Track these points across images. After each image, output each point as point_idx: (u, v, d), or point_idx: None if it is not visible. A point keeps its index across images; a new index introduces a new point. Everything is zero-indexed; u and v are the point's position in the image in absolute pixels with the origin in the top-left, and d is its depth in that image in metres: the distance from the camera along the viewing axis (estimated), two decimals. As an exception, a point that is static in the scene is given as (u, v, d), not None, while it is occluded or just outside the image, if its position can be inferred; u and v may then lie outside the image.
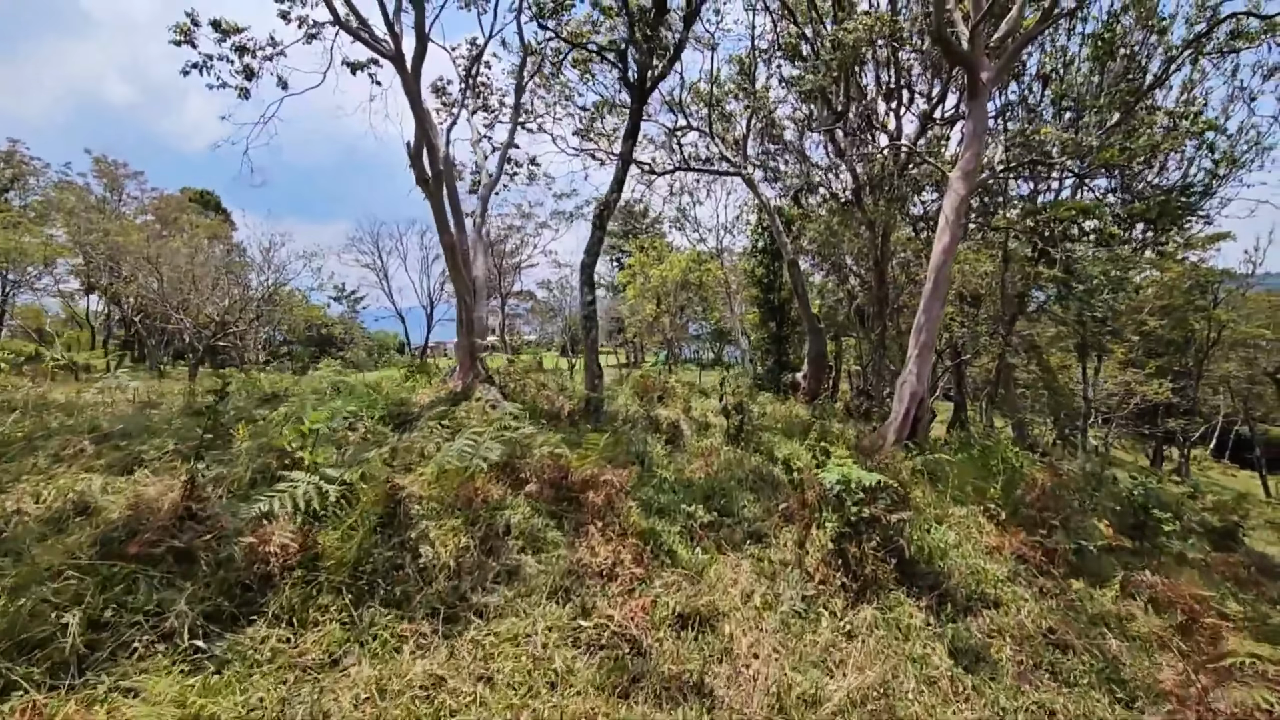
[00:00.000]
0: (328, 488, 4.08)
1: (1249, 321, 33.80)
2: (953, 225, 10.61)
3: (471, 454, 5.44)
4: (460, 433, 6.25)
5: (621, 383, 16.52)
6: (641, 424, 10.12)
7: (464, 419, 7.59)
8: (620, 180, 11.02)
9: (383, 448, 5.74)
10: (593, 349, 10.40)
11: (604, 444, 6.56)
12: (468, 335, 9.05)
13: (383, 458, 5.42)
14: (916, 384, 10.51)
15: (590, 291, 10.52)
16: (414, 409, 8.07)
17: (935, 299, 10.62)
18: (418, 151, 8.31)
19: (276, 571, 3.71)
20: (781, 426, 12.24)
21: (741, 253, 28.59)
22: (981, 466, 11.53)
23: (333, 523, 4.26)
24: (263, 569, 3.70)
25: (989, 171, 11.20)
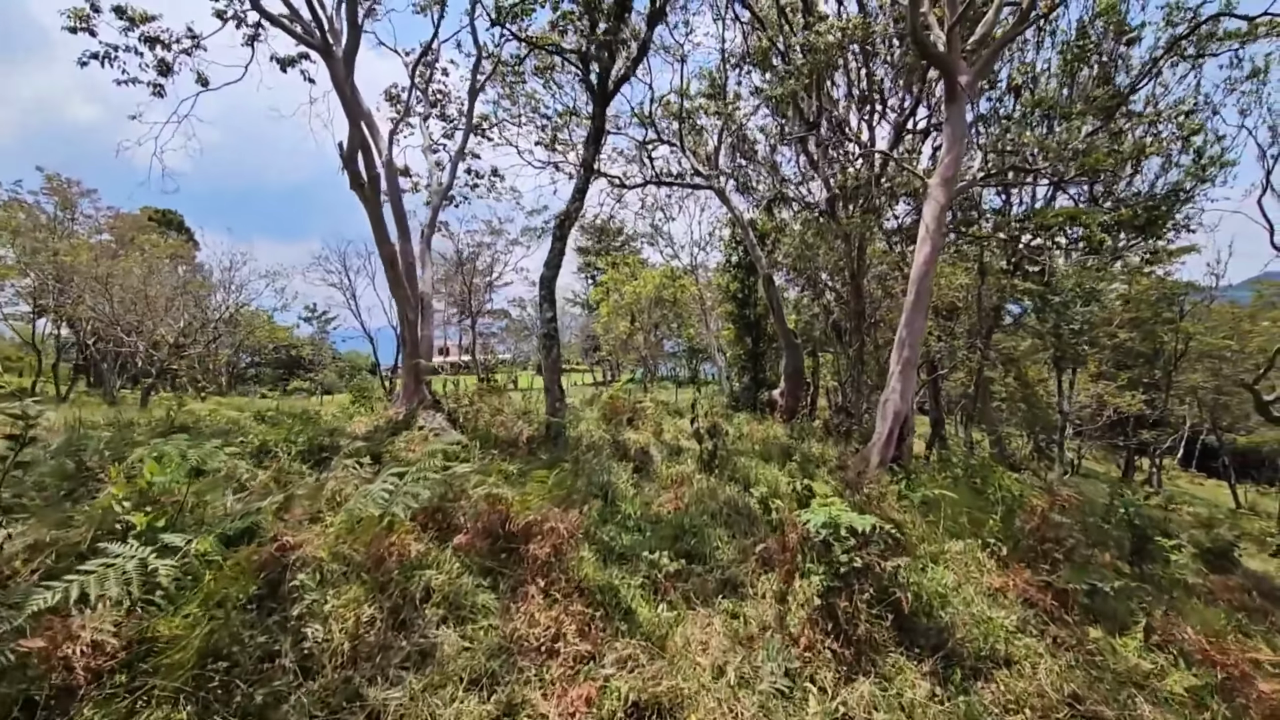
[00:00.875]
0: (158, 564, 3.10)
1: (1213, 333, 34.06)
2: (933, 235, 9.94)
3: (389, 499, 4.50)
4: (385, 470, 5.30)
5: (593, 403, 15.64)
6: (607, 451, 9.21)
7: (399, 452, 6.61)
8: (582, 189, 10.21)
9: (282, 494, 4.75)
10: (553, 369, 9.50)
11: (554, 480, 5.64)
12: (411, 356, 8.10)
13: (275, 508, 4.44)
14: (900, 402, 9.76)
15: (550, 307, 9.64)
16: (345, 441, 7.08)
17: (917, 312, 9.92)
18: (351, 153, 7.42)
19: (83, 680, 2.72)
20: (759, 449, 11.41)
21: (716, 268, 27.97)
22: (975, 493, 10.81)
23: (184, 602, 3.29)
24: (64, 678, 2.71)
25: (969, 179, 10.61)
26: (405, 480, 4.69)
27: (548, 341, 9.58)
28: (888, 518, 6.41)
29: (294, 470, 5.81)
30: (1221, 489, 43.27)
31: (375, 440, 6.96)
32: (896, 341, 10.12)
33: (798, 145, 16.58)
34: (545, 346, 9.61)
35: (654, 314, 30.57)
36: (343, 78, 7.18)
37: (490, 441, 8.47)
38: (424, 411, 7.76)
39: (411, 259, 9.14)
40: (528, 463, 8.33)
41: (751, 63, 14.60)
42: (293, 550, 3.97)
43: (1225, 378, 33.98)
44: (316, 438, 6.53)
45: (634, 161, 21.79)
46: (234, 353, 43.18)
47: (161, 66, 8.03)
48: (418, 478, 4.70)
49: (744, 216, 18.91)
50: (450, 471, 5.11)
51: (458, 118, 14.14)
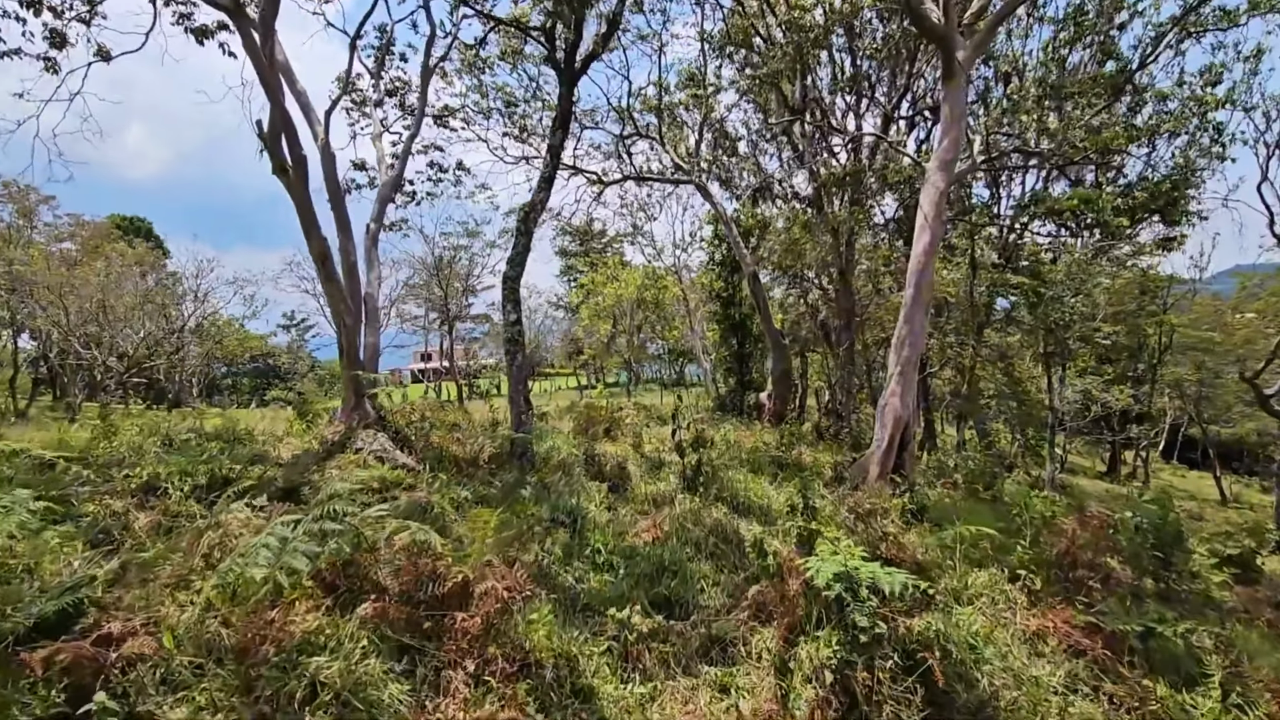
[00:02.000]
0: None
1: (1196, 326, 33.72)
2: (932, 223, 9.00)
3: (276, 557, 3.42)
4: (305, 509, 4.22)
5: (571, 410, 14.55)
6: (579, 469, 8.16)
7: (326, 483, 5.51)
8: (549, 178, 9.16)
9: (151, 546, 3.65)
10: (518, 378, 8.43)
11: (500, 519, 4.55)
12: (350, 366, 7.00)
13: (108, 580, 3.34)
14: (900, 407, 8.80)
15: (514, 309, 8.57)
16: (263, 470, 5.96)
17: (917, 307, 8.97)
18: (273, 132, 6.33)
19: None
20: (748, 458, 10.40)
21: (699, 267, 27.02)
22: (984, 504, 9.87)
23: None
24: None
25: (969, 163, 9.70)
26: (299, 529, 3.61)
27: (511, 347, 8.51)
28: (904, 554, 5.41)
29: (183, 512, 4.70)
30: (1204, 480, 43.02)
31: (299, 468, 5.86)
32: (895, 340, 9.16)
33: (782, 136, 15.63)
34: (509, 352, 8.53)
35: (636, 316, 29.53)
36: (259, 43, 6.08)
37: (444, 463, 7.38)
38: (364, 431, 6.67)
39: (353, 257, 8.05)
40: (486, 485, 7.25)
41: (734, 43, 13.58)
42: (121, 641, 2.87)
43: (1209, 370, 33.62)
44: (223, 468, 5.43)
45: (612, 157, 20.79)
46: (205, 363, 41.46)
47: (54, 38, 6.88)
48: (315, 527, 3.62)
49: (727, 212, 17.94)
50: (364, 515, 4.02)
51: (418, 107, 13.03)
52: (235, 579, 3.47)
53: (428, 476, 6.73)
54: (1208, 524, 22.10)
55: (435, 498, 6.08)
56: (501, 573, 3.78)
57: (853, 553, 3.73)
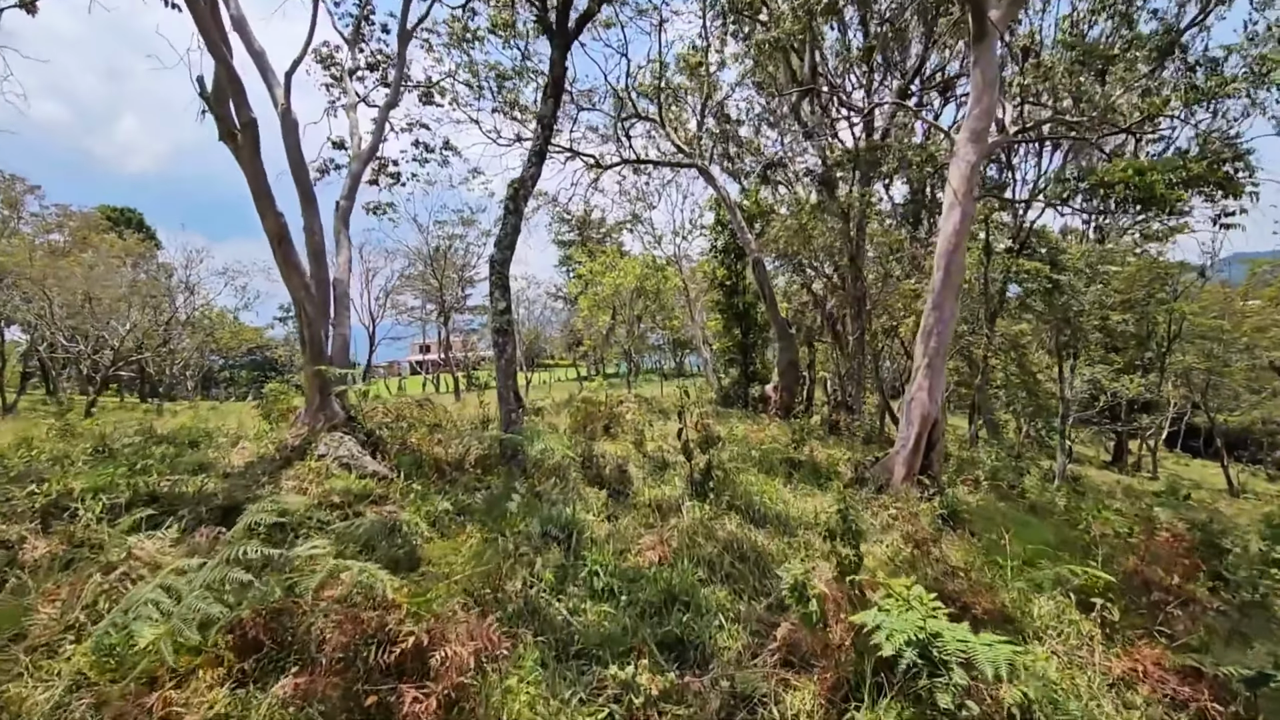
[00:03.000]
0: None
1: (1205, 313, 32.83)
2: (963, 200, 8.09)
3: (170, 615, 2.55)
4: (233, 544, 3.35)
5: (569, 403, 13.67)
6: (575, 473, 7.28)
7: (277, 498, 4.64)
8: (540, 151, 8.23)
9: None
10: (507, 372, 7.54)
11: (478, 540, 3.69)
12: (314, 360, 6.10)
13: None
14: (929, 402, 7.92)
15: (503, 296, 7.67)
16: (205, 481, 5.07)
17: (947, 291, 8.07)
18: (219, 92, 5.41)
19: None
20: (758, 456, 9.53)
21: (700, 255, 26.08)
22: (1028, 513, 9.05)
23: None
24: None
25: (1002, 134, 8.78)
26: (202, 575, 2.73)
27: (500, 338, 7.61)
28: (979, 596, 4.54)
29: (89, 540, 3.82)
30: (1208, 469, 42.36)
31: (246, 480, 4.99)
32: (922, 330, 8.27)
33: (789, 116, 14.66)
34: (497, 345, 7.63)
35: (636, 306, 28.60)
36: (190, -14, 5.15)
37: (423, 468, 6.50)
38: (329, 435, 5.78)
39: (320, 238, 7.13)
40: (470, 494, 6.38)
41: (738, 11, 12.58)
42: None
43: (1217, 359, 32.76)
44: (152, 482, 4.55)
45: (610, 140, 19.81)
46: (200, 355, 40.52)
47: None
48: (223, 574, 2.74)
49: (730, 196, 16.98)
50: (291, 554, 3.13)
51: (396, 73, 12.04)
52: (116, 642, 2.60)
53: (402, 485, 5.85)
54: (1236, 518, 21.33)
55: (407, 513, 5.21)
56: (470, 628, 2.90)
57: (928, 606, 2.84)
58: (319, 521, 4.54)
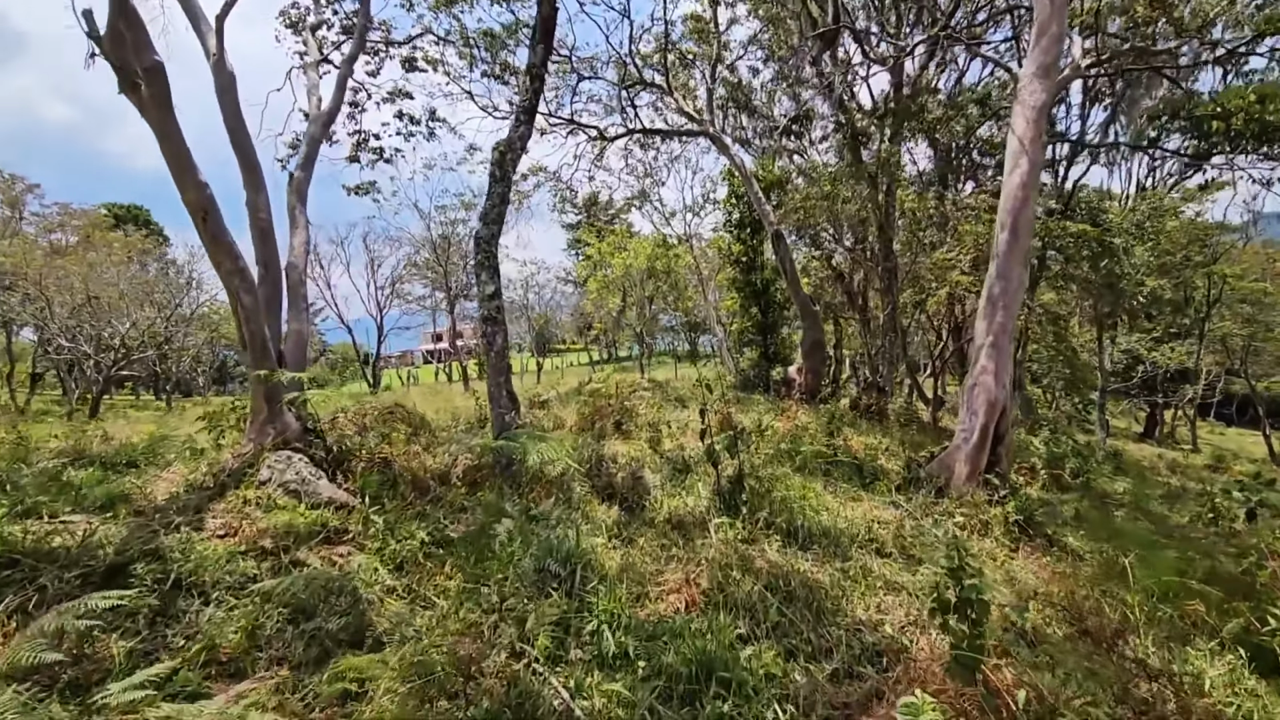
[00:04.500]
0: None
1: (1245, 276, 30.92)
2: (1030, 147, 6.74)
3: None
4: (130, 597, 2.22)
5: (577, 395, 12.49)
6: (580, 486, 6.13)
7: (191, 545, 3.52)
8: (529, 108, 6.99)
9: None
10: (498, 368, 6.38)
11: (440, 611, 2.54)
12: (259, 362, 4.95)
13: None
14: (995, 387, 6.66)
15: (492, 278, 6.48)
16: (111, 524, 3.96)
17: (1014, 256, 6.75)
18: (115, 34, 4.23)
19: None
20: (791, 450, 8.30)
21: (713, 230, 24.67)
22: (1121, 519, 7.77)
23: None
24: None
25: (1071, 68, 7.38)
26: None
27: (489, 328, 6.43)
28: None
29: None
30: (1244, 438, 40.57)
31: (160, 520, 3.88)
32: (984, 302, 6.97)
33: (810, 68, 13.21)
34: (486, 335, 6.46)
35: (647, 287, 27.30)
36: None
37: (400, 487, 5.37)
38: (276, 454, 4.65)
39: (268, 215, 5.96)
40: (454, 518, 5.25)
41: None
42: None
43: (1260, 324, 30.91)
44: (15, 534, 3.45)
45: (614, 111, 18.42)
46: (210, 350, 39.84)
47: None
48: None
49: (746, 166, 15.58)
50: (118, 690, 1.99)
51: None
52: None
53: (368, 512, 4.72)
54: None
55: (366, 555, 4.08)
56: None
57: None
58: (241, 577, 3.42)
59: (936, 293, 15.63)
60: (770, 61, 18.20)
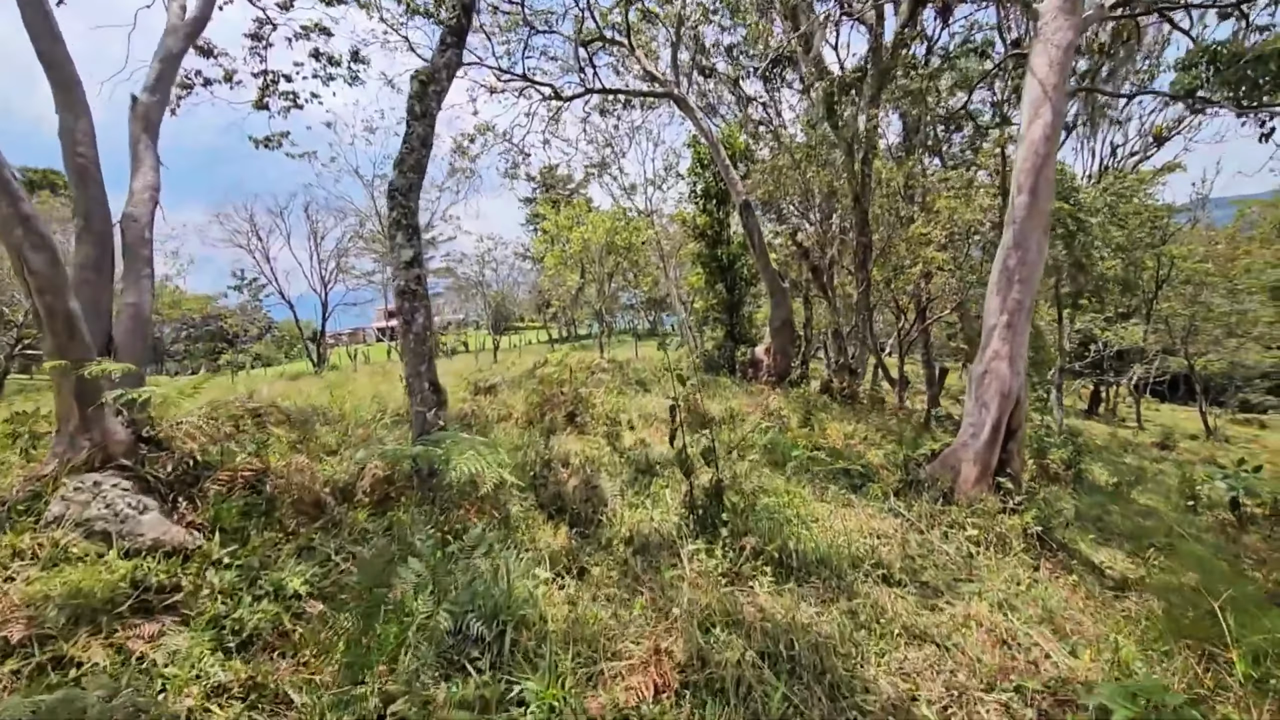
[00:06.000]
0: None
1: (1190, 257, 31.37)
2: (1054, 95, 5.67)
3: None
4: None
5: (530, 377, 11.14)
6: (520, 499, 4.88)
7: None
8: (459, 29, 5.58)
9: None
10: (417, 354, 5.04)
11: None
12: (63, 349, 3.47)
13: None
14: (1010, 375, 5.65)
15: (410, 239, 5.10)
16: None
17: (1033, 221, 5.71)
18: None
19: None
20: (766, 444, 7.20)
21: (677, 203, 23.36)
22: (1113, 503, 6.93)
23: None
24: None
25: (1098, 7, 6.34)
26: None
27: (407, 303, 5.07)
28: None
29: None
30: (1178, 414, 41.85)
31: None
32: (996, 276, 5.92)
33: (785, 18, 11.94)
34: (403, 312, 5.10)
35: (606, 263, 25.89)
36: None
37: (272, 515, 4.03)
38: (77, 480, 3.24)
39: (90, 152, 4.39)
40: (346, 554, 3.94)
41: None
42: None
43: (1201, 304, 31.45)
44: None
45: (572, 71, 16.81)
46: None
47: None
48: None
49: (712, 132, 14.29)
50: None
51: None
52: None
53: (218, 555, 3.39)
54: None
55: (192, 631, 2.77)
56: None
57: None
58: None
59: (910, 269, 14.79)
60: (736, 20, 16.90)
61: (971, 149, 16.83)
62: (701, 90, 20.75)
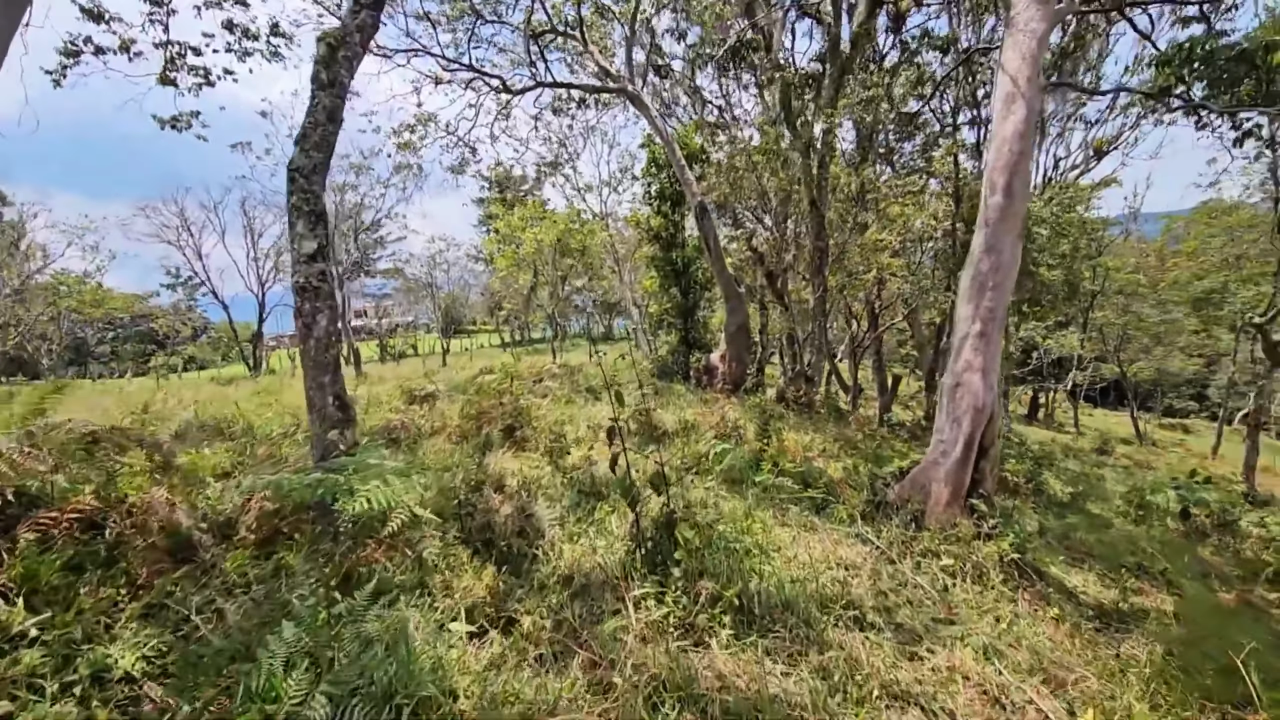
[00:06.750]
0: None
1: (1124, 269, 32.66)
2: (1027, 89, 5.30)
3: None
4: None
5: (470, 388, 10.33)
6: (439, 534, 4.15)
7: None
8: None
9: None
10: (319, 364, 4.26)
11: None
12: None
13: None
14: (983, 388, 5.23)
15: (312, 230, 4.32)
16: None
17: (1007, 224, 5.31)
18: None
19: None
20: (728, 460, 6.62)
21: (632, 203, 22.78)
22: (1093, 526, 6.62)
23: None
24: None
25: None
26: None
27: (306, 303, 4.29)
28: None
29: None
30: (1110, 418, 43.65)
31: None
32: (967, 282, 5.50)
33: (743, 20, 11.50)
34: (304, 314, 4.31)
35: (560, 265, 25.10)
36: None
37: (118, 565, 3.21)
38: None
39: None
40: (219, 605, 3.15)
41: None
42: None
43: (1132, 314, 32.75)
44: None
45: (523, 65, 16.04)
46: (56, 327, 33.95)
47: None
48: None
49: (666, 131, 13.75)
50: None
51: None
52: None
53: (27, 625, 2.58)
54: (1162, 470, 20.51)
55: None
56: None
57: None
58: None
59: (864, 276, 14.57)
60: (693, 21, 16.46)
61: (924, 158, 16.80)
62: (657, 90, 20.27)
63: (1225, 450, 27.87)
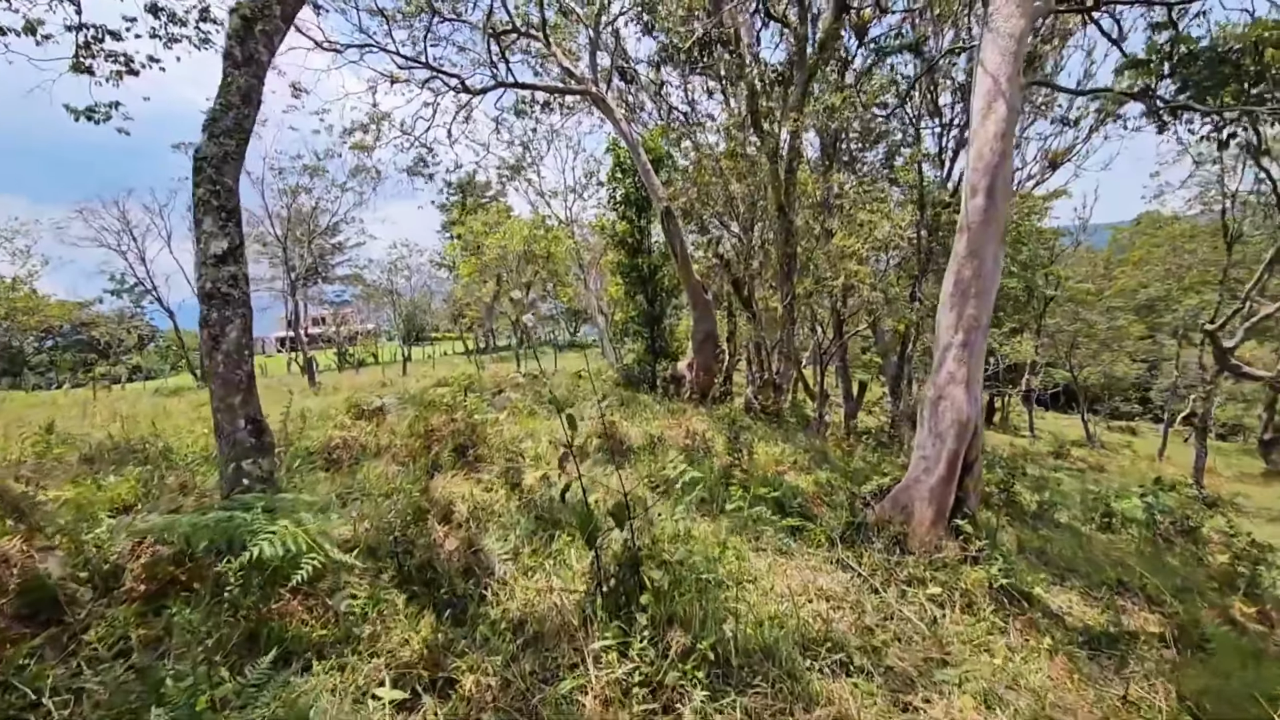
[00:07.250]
0: None
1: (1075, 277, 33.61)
2: (1008, 88, 5.02)
3: None
4: None
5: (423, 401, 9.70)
6: (374, 569, 3.58)
7: None
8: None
9: None
10: (228, 381, 3.65)
11: None
12: None
13: None
14: (966, 402, 4.89)
15: (224, 229, 3.72)
16: None
17: (990, 228, 5.00)
18: None
19: None
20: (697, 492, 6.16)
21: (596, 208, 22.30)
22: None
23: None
24: None
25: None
26: None
27: (215, 311, 3.68)
28: None
29: None
30: (1060, 421, 44.82)
31: None
32: (949, 289, 5.17)
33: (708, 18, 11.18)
34: (213, 324, 3.70)
35: (525, 272, 24.44)
36: None
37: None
38: None
39: None
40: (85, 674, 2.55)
41: None
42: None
43: (1083, 320, 33.68)
44: None
45: (484, 65, 15.46)
46: None
47: None
48: None
49: (632, 134, 13.34)
50: None
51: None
52: None
53: None
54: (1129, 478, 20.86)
55: None
56: None
57: None
58: None
59: (832, 283, 14.37)
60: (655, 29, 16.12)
61: (887, 165, 16.78)
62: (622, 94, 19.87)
63: (1170, 451, 28.72)
